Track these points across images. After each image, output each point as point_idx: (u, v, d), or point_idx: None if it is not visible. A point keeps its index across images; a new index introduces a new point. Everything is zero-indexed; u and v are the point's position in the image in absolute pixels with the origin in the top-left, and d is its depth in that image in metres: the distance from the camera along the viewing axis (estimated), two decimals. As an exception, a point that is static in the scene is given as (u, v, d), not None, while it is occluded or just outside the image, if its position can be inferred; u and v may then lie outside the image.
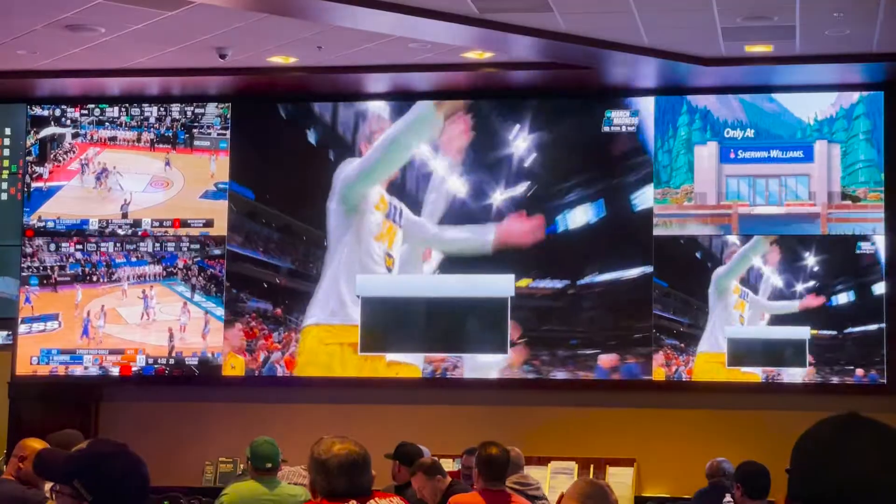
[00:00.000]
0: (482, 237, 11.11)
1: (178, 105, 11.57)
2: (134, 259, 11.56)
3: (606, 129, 11.13)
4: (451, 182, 11.25)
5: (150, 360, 11.42)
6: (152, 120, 11.62)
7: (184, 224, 11.55)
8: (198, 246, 11.50)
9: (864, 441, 2.04)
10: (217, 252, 11.44)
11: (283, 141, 11.43)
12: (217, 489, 8.38)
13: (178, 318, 11.43)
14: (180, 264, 11.50)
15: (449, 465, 9.52)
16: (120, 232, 11.57)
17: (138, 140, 11.65)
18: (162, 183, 11.61)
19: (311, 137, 11.42)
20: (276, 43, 9.87)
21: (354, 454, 4.10)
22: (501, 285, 11.06)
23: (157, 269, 11.54)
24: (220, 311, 11.37)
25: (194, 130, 11.56)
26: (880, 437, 2.05)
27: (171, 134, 11.61)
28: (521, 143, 11.24)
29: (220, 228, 11.46)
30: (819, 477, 2.03)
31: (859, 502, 1.99)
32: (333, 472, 4.06)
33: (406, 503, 4.24)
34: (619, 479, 10.63)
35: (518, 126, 11.23)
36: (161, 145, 11.64)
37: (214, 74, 10.73)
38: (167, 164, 11.59)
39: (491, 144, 11.25)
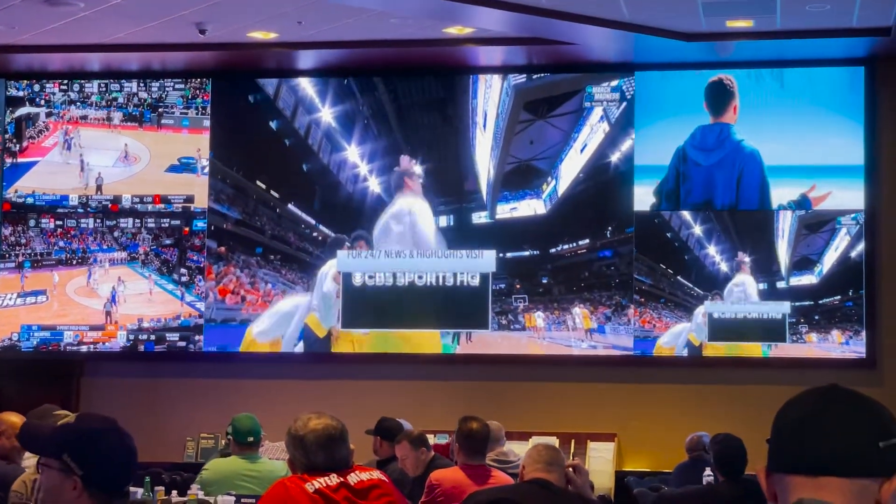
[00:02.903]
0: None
1: (158, 81, 11.53)
2: (111, 246, 11.56)
3: (587, 104, 11.12)
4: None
5: (136, 336, 11.44)
6: (121, 99, 11.61)
7: (163, 200, 11.53)
8: (178, 222, 11.50)
9: (843, 412, 2.04)
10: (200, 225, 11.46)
11: (260, 118, 11.43)
12: (198, 465, 8.39)
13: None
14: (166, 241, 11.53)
15: (430, 440, 9.52)
16: (95, 206, 11.58)
17: (108, 119, 11.64)
18: (133, 159, 11.63)
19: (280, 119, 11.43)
20: (257, 18, 9.83)
21: (332, 428, 4.11)
22: (483, 262, 11.07)
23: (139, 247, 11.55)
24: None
25: (161, 109, 11.56)
26: (860, 408, 2.05)
27: (138, 113, 11.62)
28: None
29: (201, 202, 11.47)
30: (798, 448, 2.03)
31: (837, 473, 2.00)
32: (311, 446, 4.07)
33: (386, 476, 4.25)
34: (600, 454, 10.68)
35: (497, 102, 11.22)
36: (130, 123, 11.64)
37: (194, 50, 10.68)
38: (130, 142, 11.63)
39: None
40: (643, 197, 10.98)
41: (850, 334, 10.60)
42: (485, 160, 11.26)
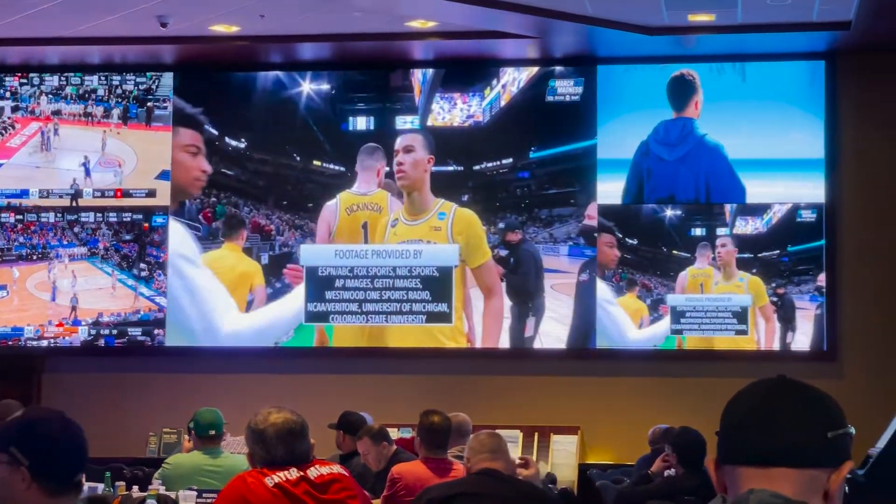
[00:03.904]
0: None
1: (130, 76, 11.46)
2: (71, 241, 11.50)
3: (550, 98, 11.13)
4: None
5: (97, 331, 11.38)
6: (101, 92, 11.53)
7: (126, 195, 11.47)
8: (140, 216, 11.44)
9: (792, 403, 2.05)
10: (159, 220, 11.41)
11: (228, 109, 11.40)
12: (161, 460, 8.36)
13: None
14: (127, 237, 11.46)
15: (393, 434, 9.52)
16: (62, 204, 11.51)
17: (85, 115, 11.56)
18: (116, 162, 11.53)
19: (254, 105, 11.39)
20: (219, 11, 9.79)
21: (292, 422, 4.12)
22: (447, 255, 11.07)
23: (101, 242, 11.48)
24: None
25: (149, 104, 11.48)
26: (808, 399, 2.07)
27: (121, 108, 11.52)
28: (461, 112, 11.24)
29: (164, 198, 11.42)
30: (747, 440, 2.04)
31: (787, 463, 2.01)
32: (272, 440, 4.08)
33: (346, 470, 4.25)
34: (564, 447, 10.71)
35: (459, 95, 11.22)
36: (105, 119, 11.56)
37: (156, 43, 10.63)
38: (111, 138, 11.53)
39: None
40: (608, 190, 11.00)
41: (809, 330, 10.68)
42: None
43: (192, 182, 11.39)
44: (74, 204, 11.48)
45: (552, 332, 10.99)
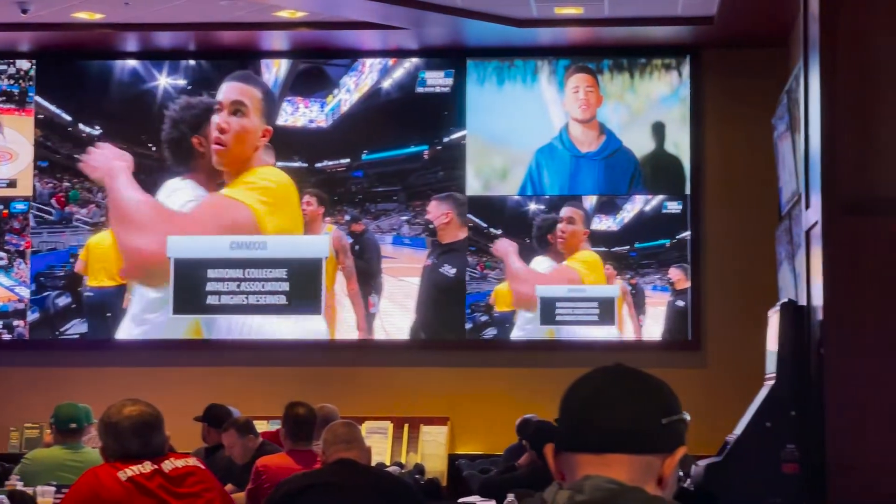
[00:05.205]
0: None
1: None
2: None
3: (421, 90, 11.14)
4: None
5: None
6: None
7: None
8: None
9: (627, 390, 2.08)
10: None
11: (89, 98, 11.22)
12: (22, 455, 8.19)
13: None
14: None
15: (262, 426, 9.46)
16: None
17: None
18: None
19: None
20: (82, -2, 9.63)
21: (146, 415, 4.06)
22: (316, 246, 11.03)
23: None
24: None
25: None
26: (643, 386, 2.09)
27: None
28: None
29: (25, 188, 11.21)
30: (584, 427, 2.06)
31: (622, 449, 2.03)
32: (125, 433, 4.02)
33: (202, 463, 4.20)
34: (433, 438, 10.74)
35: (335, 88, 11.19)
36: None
37: (16, 30, 10.41)
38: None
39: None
40: (472, 182, 11.06)
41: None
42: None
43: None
44: None
45: (401, 325, 11.03)
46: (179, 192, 11.04)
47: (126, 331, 11.07)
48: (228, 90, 11.08)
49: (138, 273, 11.04)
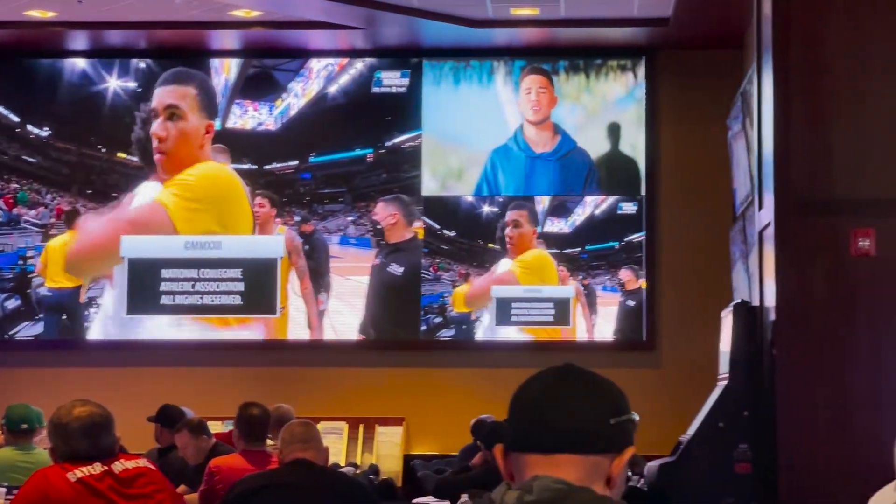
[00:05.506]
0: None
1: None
2: None
3: (377, 90, 11.13)
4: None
5: None
6: None
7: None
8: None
9: (576, 391, 2.08)
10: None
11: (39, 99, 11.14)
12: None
13: None
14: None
15: (217, 426, 9.42)
16: None
17: None
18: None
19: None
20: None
21: (96, 416, 4.03)
22: (271, 246, 11.00)
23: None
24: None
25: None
26: (592, 386, 2.09)
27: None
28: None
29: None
30: (533, 427, 2.06)
31: (571, 450, 2.03)
32: (75, 434, 3.99)
33: (152, 464, 4.18)
34: (388, 438, 10.73)
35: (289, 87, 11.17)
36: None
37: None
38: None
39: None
40: (428, 182, 11.06)
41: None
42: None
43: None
44: None
45: (351, 322, 11.02)
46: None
47: (100, 331, 11.01)
48: (161, 95, 11.02)
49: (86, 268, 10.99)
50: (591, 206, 11.01)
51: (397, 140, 11.10)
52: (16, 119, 11.20)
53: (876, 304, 5.88)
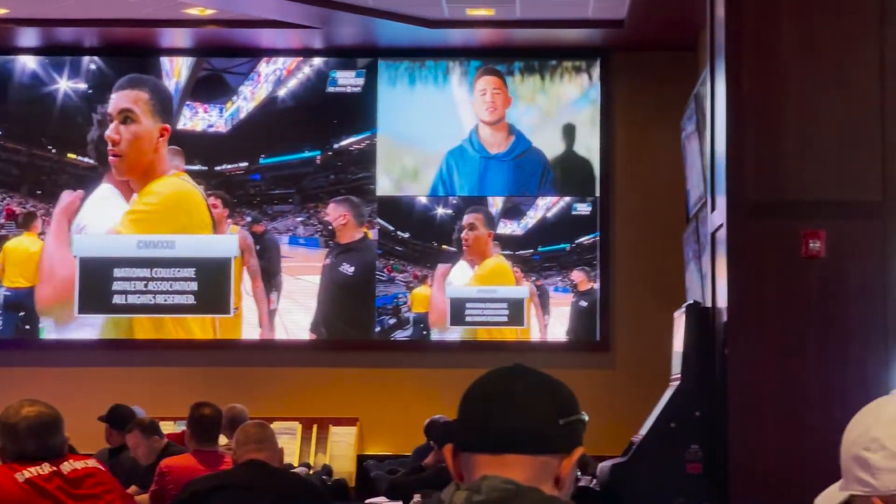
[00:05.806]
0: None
1: None
2: None
3: (332, 89, 11.11)
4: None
5: None
6: None
7: None
8: None
9: (525, 391, 2.08)
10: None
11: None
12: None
13: None
14: None
15: (170, 427, 9.37)
16: None
17: None
18: None
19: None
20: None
21: (45, 415, 4.00)
22: (225, 246, 10.96)
23: None
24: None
25: None
26: (541, 386, 2.09)
27: None
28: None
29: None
30: (482, 427, 2.06)
31: (520, 450, 2.03)
32: (23, 434, 3.96)
33: (102, 464, 4.15)
34: (342, 439, 10.72)
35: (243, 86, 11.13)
36: None
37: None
38: None
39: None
40: (383, 182, 11.05)
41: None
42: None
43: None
44: None
45: (301, 322, 11.01)
46: (106, 202, 10.94)
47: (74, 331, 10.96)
48: (116, 100, 10.97)
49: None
50: (543, 208, 11.04)
51: (346, 142, 11.10)
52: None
53: (826, 305, 5.93)
